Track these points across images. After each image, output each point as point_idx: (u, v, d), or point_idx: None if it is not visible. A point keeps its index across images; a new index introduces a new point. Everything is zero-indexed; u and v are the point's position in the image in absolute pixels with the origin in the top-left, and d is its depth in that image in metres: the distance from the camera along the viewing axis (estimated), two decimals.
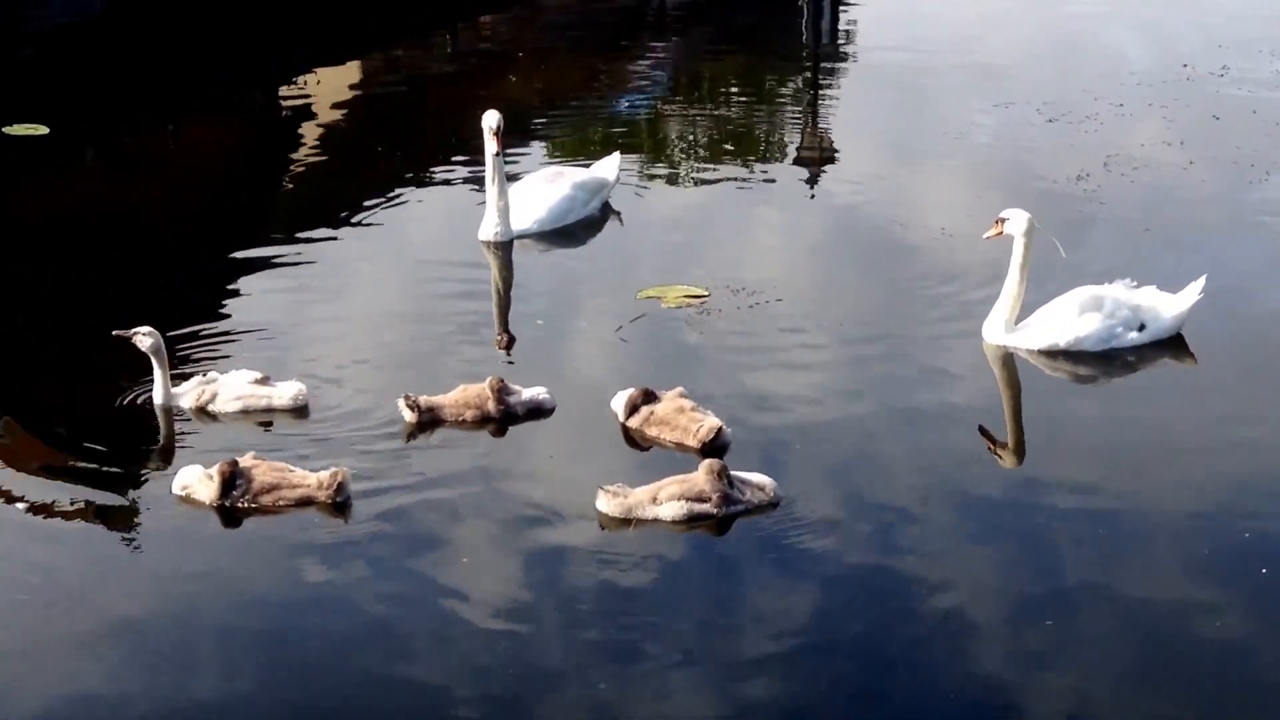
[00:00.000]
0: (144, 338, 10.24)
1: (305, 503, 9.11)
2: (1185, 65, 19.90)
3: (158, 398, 10.38)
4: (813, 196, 15.45)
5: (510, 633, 8.24)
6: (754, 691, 7.85)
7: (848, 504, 9.49)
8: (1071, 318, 11.45)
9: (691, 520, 9.15)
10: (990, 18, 23.46)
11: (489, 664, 8.00)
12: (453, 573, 8.76)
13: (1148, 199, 15.01)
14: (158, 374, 10.34)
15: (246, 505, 9.11)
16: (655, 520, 9.15)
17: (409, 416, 10.26)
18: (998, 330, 11.56)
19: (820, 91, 19.53)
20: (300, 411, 10.33)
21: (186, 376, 10.70)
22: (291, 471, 9.25)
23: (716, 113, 18.73)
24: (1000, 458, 10.18)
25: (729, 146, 17.42)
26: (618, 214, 14.43)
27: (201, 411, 10.33)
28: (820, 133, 17.71)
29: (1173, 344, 11.66)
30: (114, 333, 10.33)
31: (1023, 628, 8.35)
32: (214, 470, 9.17)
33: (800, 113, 18.74)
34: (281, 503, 9.11)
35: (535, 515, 9.31)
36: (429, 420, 10.28)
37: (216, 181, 16.00)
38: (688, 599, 8.56)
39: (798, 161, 16.58)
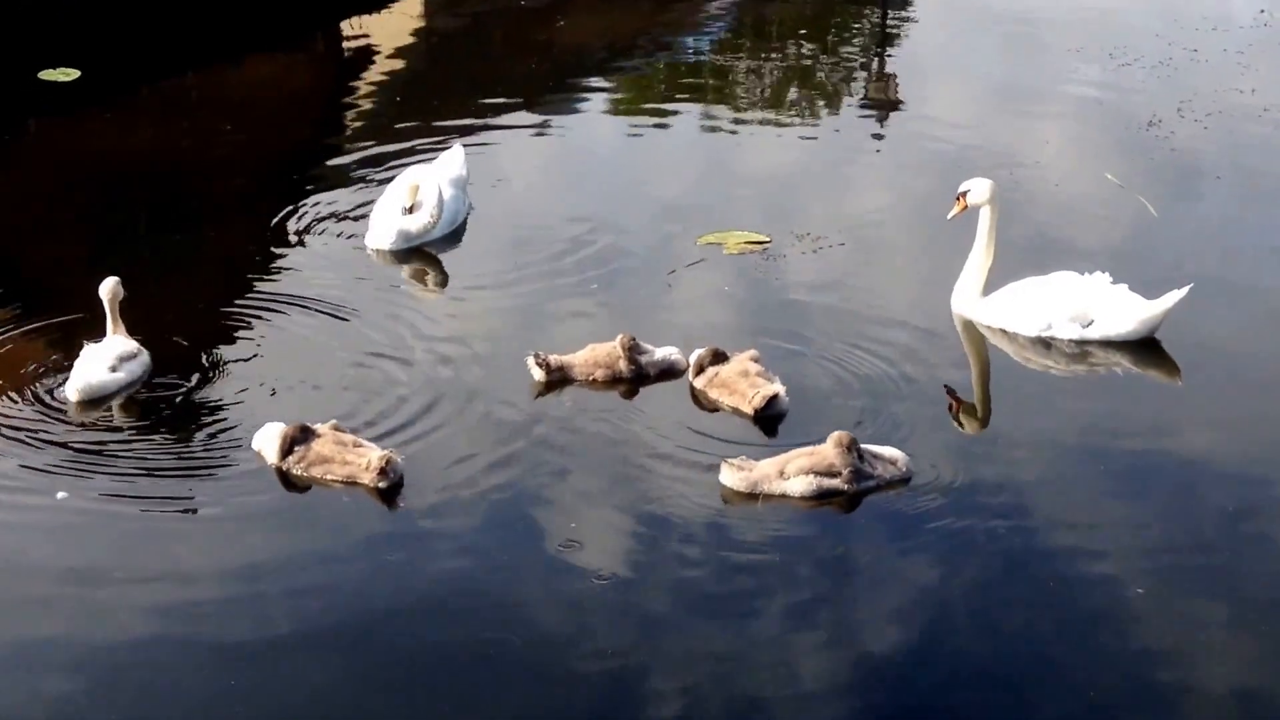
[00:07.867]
0: (103, 289, 10.12)
1: (350, 482, 8.97)
2: (1262, 10, 19.50)
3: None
4: (879, 141, 15.21)
5: (623, 602, 7.99)
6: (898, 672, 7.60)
7: (967, 473, 9.06)
8: (1025, 301, 10.84)
9: (821, 497, 8.72)
10: None
11: (600, 631, 7.79)
12: (559, 538, 8.49)
13: (1221, 146, 14.74)
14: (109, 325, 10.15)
15: (302, 473, 9.04)
16: (783, 496, 8.75)
17: (538, 375, 9.99)
18: (964, 301, 11.07)
19: (888, 34, 19.23)
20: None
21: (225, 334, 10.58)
22: (359, 446, 9.08)
23: (781, 55, 18.47)
24: (961, 423, 9.78)
25: (794, 90, 17.18)
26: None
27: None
28: (887, 76, 17.45)
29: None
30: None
31: (1172, 608, 8.01)
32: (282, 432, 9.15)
33: (867, 56, 18.46)
34: (330, 477, 9.01)
35: (657, 483, 8.96)
36: (558, 379, 10.02)
37: (272, 122, 15.85)
38: (814, 578, 8.21)
39: (864, 105, 16.34)
